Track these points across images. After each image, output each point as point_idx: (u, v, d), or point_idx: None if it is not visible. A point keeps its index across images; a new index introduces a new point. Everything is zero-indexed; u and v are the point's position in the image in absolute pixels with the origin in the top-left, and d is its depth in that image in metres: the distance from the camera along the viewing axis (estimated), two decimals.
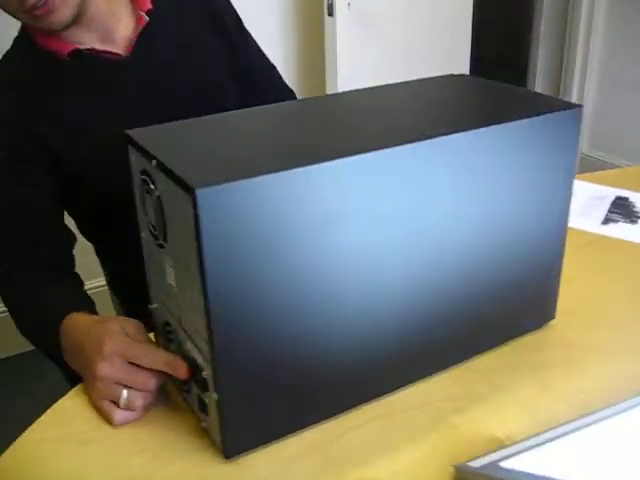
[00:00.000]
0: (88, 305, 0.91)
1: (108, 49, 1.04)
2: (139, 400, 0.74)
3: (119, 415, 0.74)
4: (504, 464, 0.64)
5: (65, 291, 0.93)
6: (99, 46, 1.03)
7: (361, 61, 2.16)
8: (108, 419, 0.75)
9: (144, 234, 0.74)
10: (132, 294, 0.99)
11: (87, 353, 0.76)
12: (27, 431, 0.75)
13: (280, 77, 1.25)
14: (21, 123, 0.99)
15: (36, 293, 0.93)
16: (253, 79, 1.19)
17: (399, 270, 0.71)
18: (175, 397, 0.78)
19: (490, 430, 0.72)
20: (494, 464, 0.64)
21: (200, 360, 0.68)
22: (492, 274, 0.78)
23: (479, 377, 0.80)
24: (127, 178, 0.72)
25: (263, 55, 1.22)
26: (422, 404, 0.76)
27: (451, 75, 0.90)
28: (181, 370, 0.71)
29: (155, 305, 0.77)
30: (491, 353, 0.83)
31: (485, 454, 0.67)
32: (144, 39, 1.06)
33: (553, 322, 0.88)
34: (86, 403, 0.78)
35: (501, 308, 0.81)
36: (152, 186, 0.66)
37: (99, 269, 1.27)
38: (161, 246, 0.69)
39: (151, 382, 0.74)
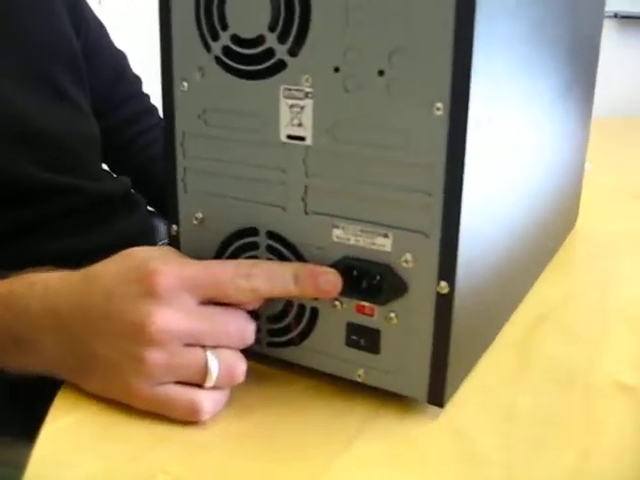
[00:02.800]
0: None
1: None
2: (240, 364, 0.41)
3: (209, 400, 0.40)
4: None
5: None
6: None
7: None
8: (189, 413, 0.40)
9: (185, 82, 0.43)
10: None
11: (111, 309, 0.40)
12: None
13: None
14: None
15: None
16: (88, 28, 0.88)
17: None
18: None
19: None
20: None
21: (389, 245, 0.40)
22: (558, 153, 0.63)
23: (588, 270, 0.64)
24: None
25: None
26: (572, 296, 0.57)
27: None
28: (333, 278, 0.41)
29: (199, 216, 0.45)
30: None
31: None
32: None
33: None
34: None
35: (560, 203, 0.67)
36: None
37: None
38: (277, 67, 0.40)
39: (250, 328, 0.42)
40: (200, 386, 0.40)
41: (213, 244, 0.45)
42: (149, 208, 0.95)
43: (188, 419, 0.40)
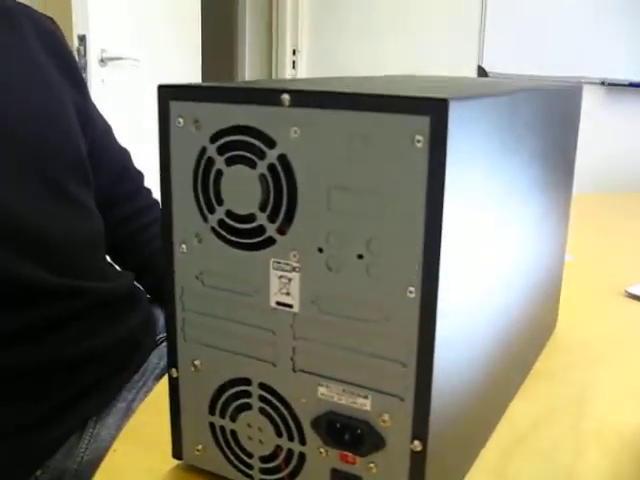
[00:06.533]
0: None
1: None
2: None
3: None
4: None
5: None
6: None
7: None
8: None
9: (185, 246, 0.47)
10: None
11: None
12: None
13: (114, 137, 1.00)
14: None
15: None
16: (95, 128, 0.92)
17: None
18: None
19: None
20: None
21: (368, 405, 0.44)
22: (535, 264, 0.67)
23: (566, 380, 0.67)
24: None
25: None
26: (547, 416, 0.61)
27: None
28: None
29: (197, 363, 0.49)
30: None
31: None
32: None
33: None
34: None
35: (539, 311, 0.71)
36: (263, 147, 0.43)
37: None
38: (267, 242, 0.44)
39: None
40: None
41: (209, 389, 0.49)
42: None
43: None
